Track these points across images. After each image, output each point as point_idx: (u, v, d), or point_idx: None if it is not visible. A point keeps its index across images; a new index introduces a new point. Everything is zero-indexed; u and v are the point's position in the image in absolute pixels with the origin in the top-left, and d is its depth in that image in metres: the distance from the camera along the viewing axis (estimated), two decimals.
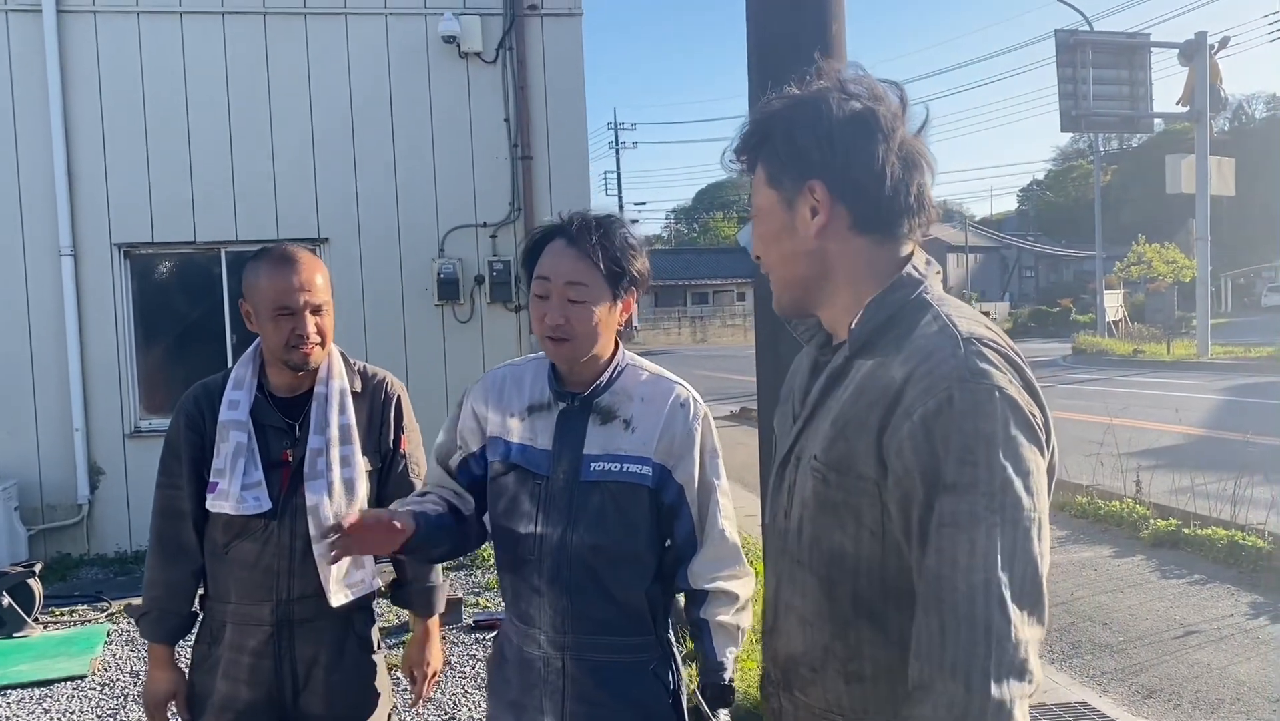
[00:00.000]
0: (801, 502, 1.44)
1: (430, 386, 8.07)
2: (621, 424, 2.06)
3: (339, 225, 7.98)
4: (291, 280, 2.36)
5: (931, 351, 1.30)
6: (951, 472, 1.22)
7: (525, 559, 2.06)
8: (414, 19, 8.01)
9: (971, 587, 1.19)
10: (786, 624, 1.49)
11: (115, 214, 7.66)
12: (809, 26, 3.86)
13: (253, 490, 2.38)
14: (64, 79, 7.53)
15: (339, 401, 2.47)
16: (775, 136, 1.44)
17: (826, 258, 1.44)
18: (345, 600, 2.44)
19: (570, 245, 2.02)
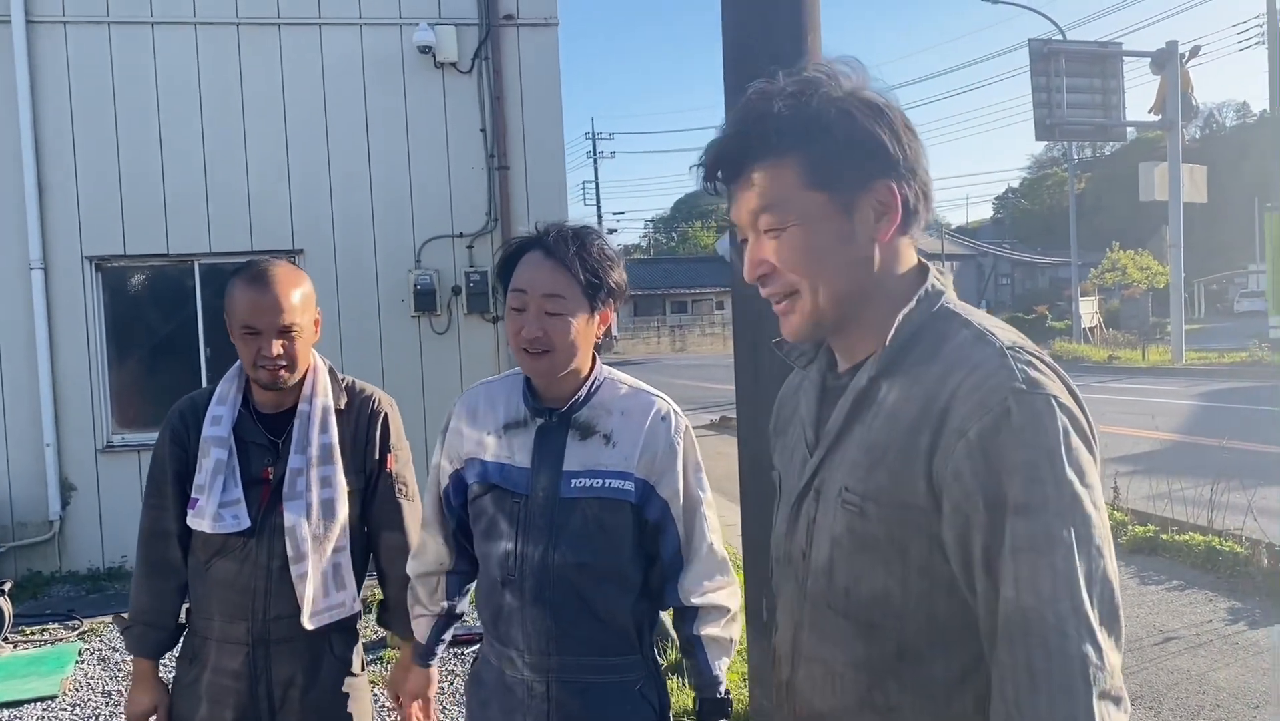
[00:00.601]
0: (831, 541, 1.30)
1: (407, 399, 7.97)
2: (601, 439, 2.02)
3: (313, 236, 7.91)
4: (259, 300, 2.30)
5: (977, 363, 1.19)
6: (1019, 492, 1.11)
7: (506, 579, 2.02)
8: (389, 29, 7.96)
9: (1060, 618, 1.09)
10: (810, 676, 1.36)
11: (86, 226, 7.57)
12: (785, 36, 3.84)
13: (231, 508, 2.34)
14: (34, 89, 7.44)
15: (321, 419, 2.42)
16: (832, 132, 1.26)
17: (878, 266, 1.31)
18: (320, 624, 2.39)
19: (547, 257, 1.98)
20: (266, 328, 2.30)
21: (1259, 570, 6.45)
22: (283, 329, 2.31)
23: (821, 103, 1.27)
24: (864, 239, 1.29)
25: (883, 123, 1.27)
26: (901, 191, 1.28)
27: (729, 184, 1.35)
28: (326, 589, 2.40)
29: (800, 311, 1.33)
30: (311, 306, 2.41)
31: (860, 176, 1.27)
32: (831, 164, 1.26)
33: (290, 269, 2.39)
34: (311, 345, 2.44)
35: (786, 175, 1.28)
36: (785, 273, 1.31)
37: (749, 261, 1.35)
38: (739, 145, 1.31)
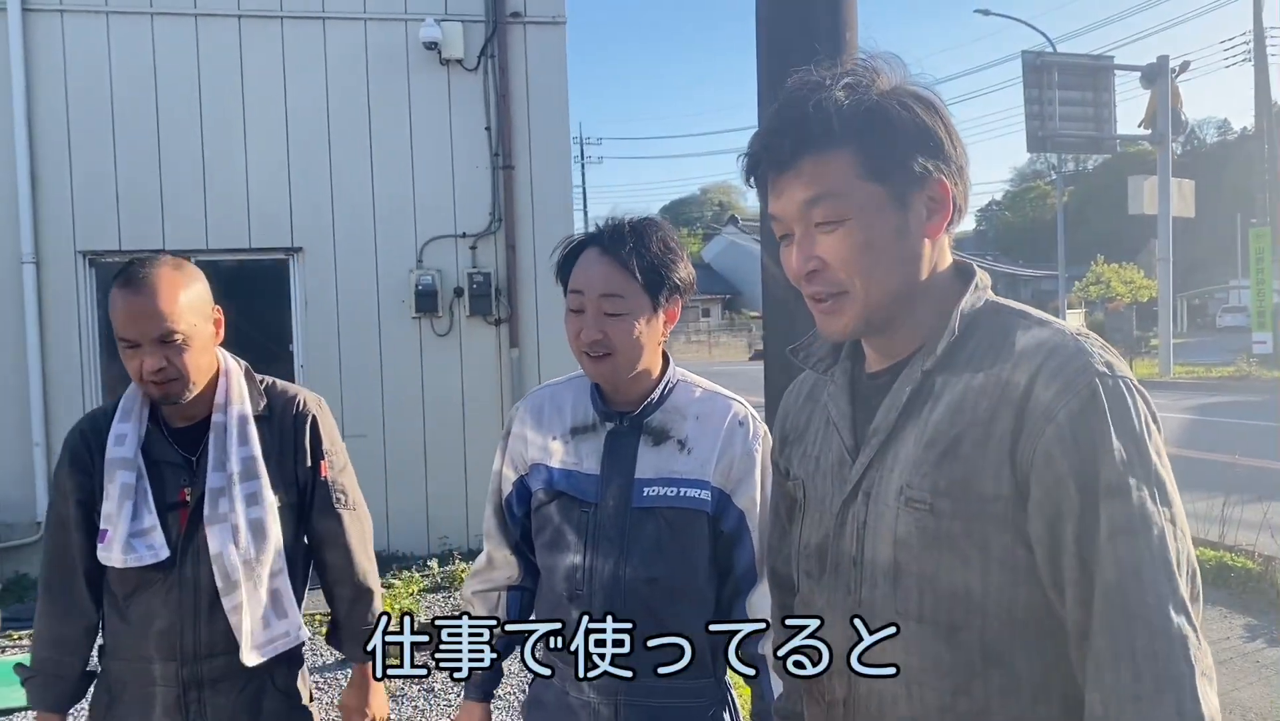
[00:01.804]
0: (894, 543, 1.26)
1: (407, 401, 7.88)
2: (676, 444, 1.91)
3: (314, 234, 7.74)
4: (133, 308, 2.03)
5: (1053, 348, 1.19)
6: (1112, 474, 1.12)
7: (573, 594, 1.89)
8: (394, 24, 7.81)
9: (1160, 599, 1.09)
10: (876, 689, 1.29)
11: (80, 220, 7.37)
12: (823, 34, 3.74)
13: (144, 537, 2.09)
14: (28, 80, 7.23)
15: (239, 430, 2.18)
16: (893, 124, 1.24)
17: (927, 263, 1.29)
18: (262, 658, 2.15)
19: (604, 254, 1.88)
20: (143, 339, 2.03)
21: (1272, 586, 6.39)
22: (163, 339, 2.04)
23: (879, 94, 1.26)
24: (916, 235, 1.27)
25: (938, 118, 1.27)
26: (953, 189, 1.27)
27: (776, 175, 1.29)
28: (266, 619, 2.15)
29: (849, 310, 1.28)
30: (204, 308, 2.14)
31: (917, 170, 1.25)
32: (890, 155, 1.24)
33: (173, 268, 2.11)
34: (211, 349, 2.18)
35: (843, 165, 1.24)
36: (837, 270, 1.26)
37: (797, 256, 1.29)
38: (795, 132, 1.25)
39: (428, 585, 7.03)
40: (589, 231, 1.97)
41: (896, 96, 1.26)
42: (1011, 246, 62.13)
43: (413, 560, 7.58)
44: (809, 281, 1.29)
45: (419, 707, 4.91)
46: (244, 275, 7.81)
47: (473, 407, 7.98)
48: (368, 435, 7.82)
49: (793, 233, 1.30)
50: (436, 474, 7.91)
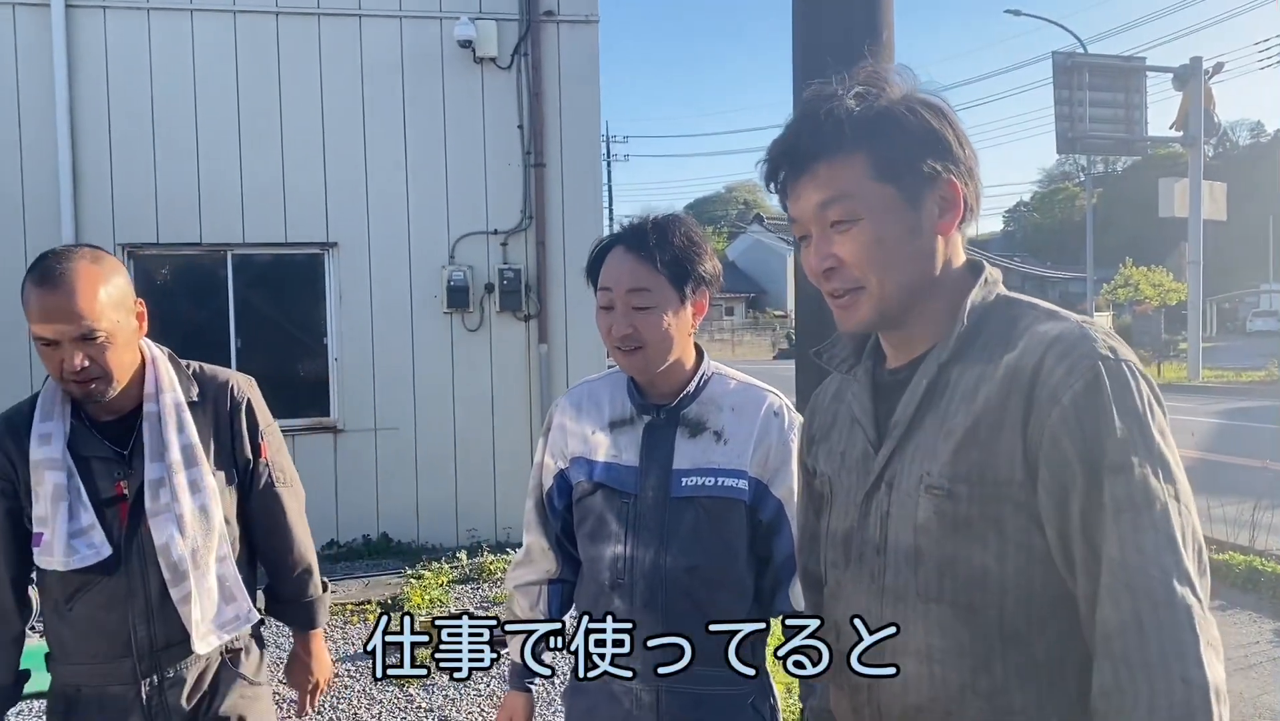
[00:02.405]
0: (915, 530, 1.31)
1: (437, 395, 7.96)
2: (712, 435, 1.96)
3: (348, 230, 7.84)
4: (50, 305, 1.93)
5: (1059, 336, 1.24)
6: (1115, 453, 1.17)
7: (615, 583, 1.94)
8: (429, 22, 7.89)
9: (1164, 571, 1.13)
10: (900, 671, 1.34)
11: (120, 214, 7.50)
12: (859, 33, 3.76)
13: (84, 536, 2.01)
14: (71, 75, 7.36)
15: (175, 418, 2.11)
16: (902, 127, 1.31)
17: (940, 259, 1.35)
18: (215, 644, 2.13)
19: (629, 251, 1.93)
20: (63, 337, 1.94)
21: None
22: (84, 336, 1.95)
23: (889, 100, 1.33)
24: (929, 232, 1.33)
25: (946, 123, 1.33)
26: (963, 188, 1.33)
27: (793, 178, 1.36)
28: (216, 603, 2.12)
29: (865, 304, 1.34)
30: (125, 302, 2.04)
31: (927, 171, 1.31)
32: (900, 158, 1.30)
33: (90, 261, 2.00)
34: (135, 343, 2.09)
35: (855, 167, 1.31)
36: (852, 267, 1.33)
37: (814, 256, 1.36)
38: (809, 138, 1.33)
39: (456, 576, 7.11)
40: (616, 231, 2.03)
41: (906, 103, 1.33)
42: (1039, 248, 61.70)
43: (442, 552, 7.66)
44: (826, 279, 1.35)
45: (449, 696, 4.98)
46: (280, 269, 7.92)
47: (502, 402, 8.06)
48: (399, 428, 7.92)
49: (810, 234, 1.37)
50: (466, 467, 8.00)
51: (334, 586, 6.78)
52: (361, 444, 7.88)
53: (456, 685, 5.12)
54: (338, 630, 6.07)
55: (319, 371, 7.92)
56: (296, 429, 7.78)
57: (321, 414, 7.91)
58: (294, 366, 7.97)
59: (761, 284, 54.46)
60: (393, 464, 7.92)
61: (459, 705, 4.89)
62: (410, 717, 4.77)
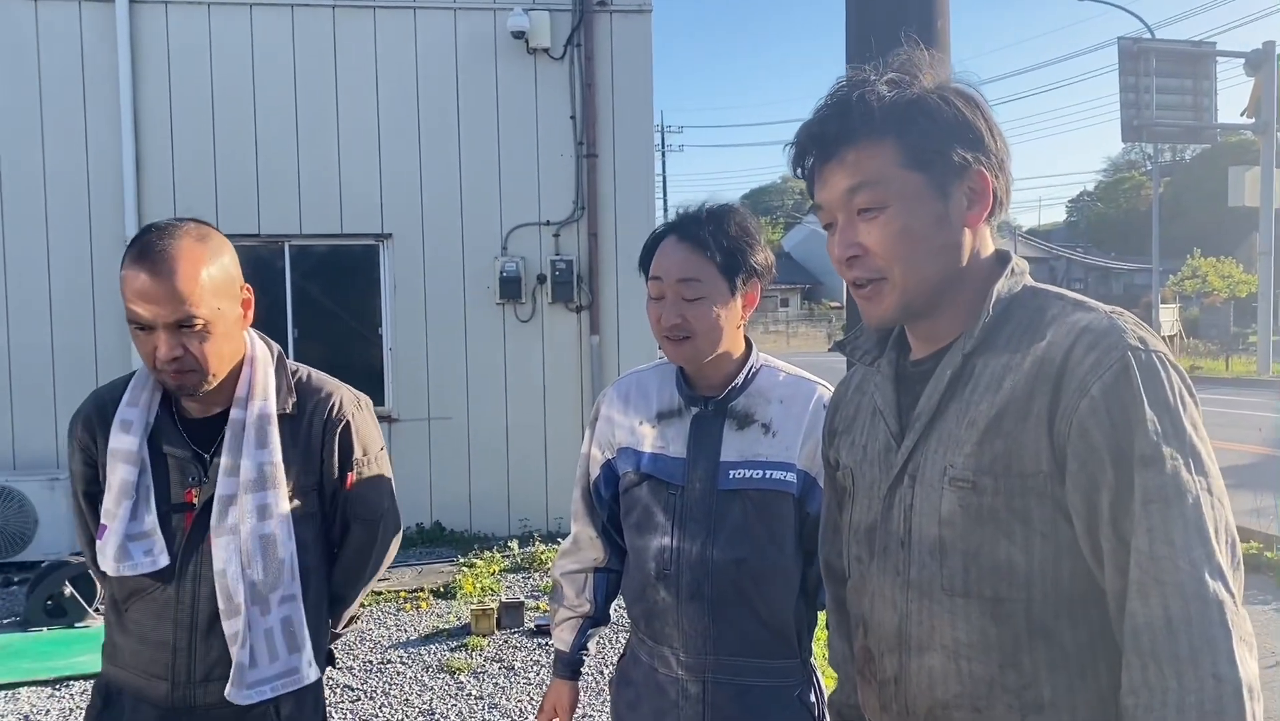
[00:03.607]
0: (940, 522, 1.29)
1: (490, 385, 8.02)
2: (760, 428, 1.94)
3: (403, 221, 7.92)
4: (147, 287, 1.74)
5: (1087, 326, 1.22)
6: (1145, 445, 1.15)
7: (661, 574, 1.93)
8: (483, 13, 7.93)
9: (1194, 564, 1.11)
10: (927, 665, 1.32)
11: (181, 204, 7.63)
12: (914, 22, 3.69)
13: (141, 541, 1.83)
14: (134, 69, 7.52)
15: (258, 431, 1.90)
16: (932, 116, 1.29)
17: (967, 251, 1.33)
18: (255, 701, 1.87)
19: (681, 240, 1.92)
20: (158, 321, 1.76)
21: None
22: (182, 322, 1.77)
23: (921, 89, 1.31)
24: (956, 223, 1.31)
25: (979, 113, 1.31)
26: (993, 180, 1.31)
27: (822, 164, 1.34)
28: (273, 650, 1.87)
29: (889, 296, 1.32)
30: (230, 287, 1.85)
31: (957, 161, 1.29)
32: (930, 146, 1.28)
33: (196, 238, 1.81)
34: (238, 334, 1.91)
35: (885, 154, 1.29)
36: (877, 256, 1.31)
37: (839, 243, 1.34)
38: (838, 124, 1.31)
39: (508, 565, 7.16)
40: (668, 221, 2.02)
41: (939, 92, 1.31)
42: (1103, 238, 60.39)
43: (494, 541, 7.72)
44: (849, 267, 1.34)
45: (499, 685, 5.02)
46: (336, 260, 8.02)
47: (553, 393, 8.09)
48: (452, 418, 7.99)
49: (836, 221, 1.35)
50: (518, 457, 8.05)
51: (387, 574, 6.91)
52: (415, 433, 7.97)
53: (506, 673, 5.16)
54: (390, 616, 6.15)
55: (374, 361, 8.01)
56: None
57: (376, 403, 7.88)
58: (349, 356, 8.07)
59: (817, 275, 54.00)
60: (446, 453, 8.00)
61: (509, 692, 4.93)
62: (461, 704, 4.81)
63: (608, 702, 4.64)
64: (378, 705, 4.82)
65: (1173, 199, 51.02)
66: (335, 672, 5.22)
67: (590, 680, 5.06)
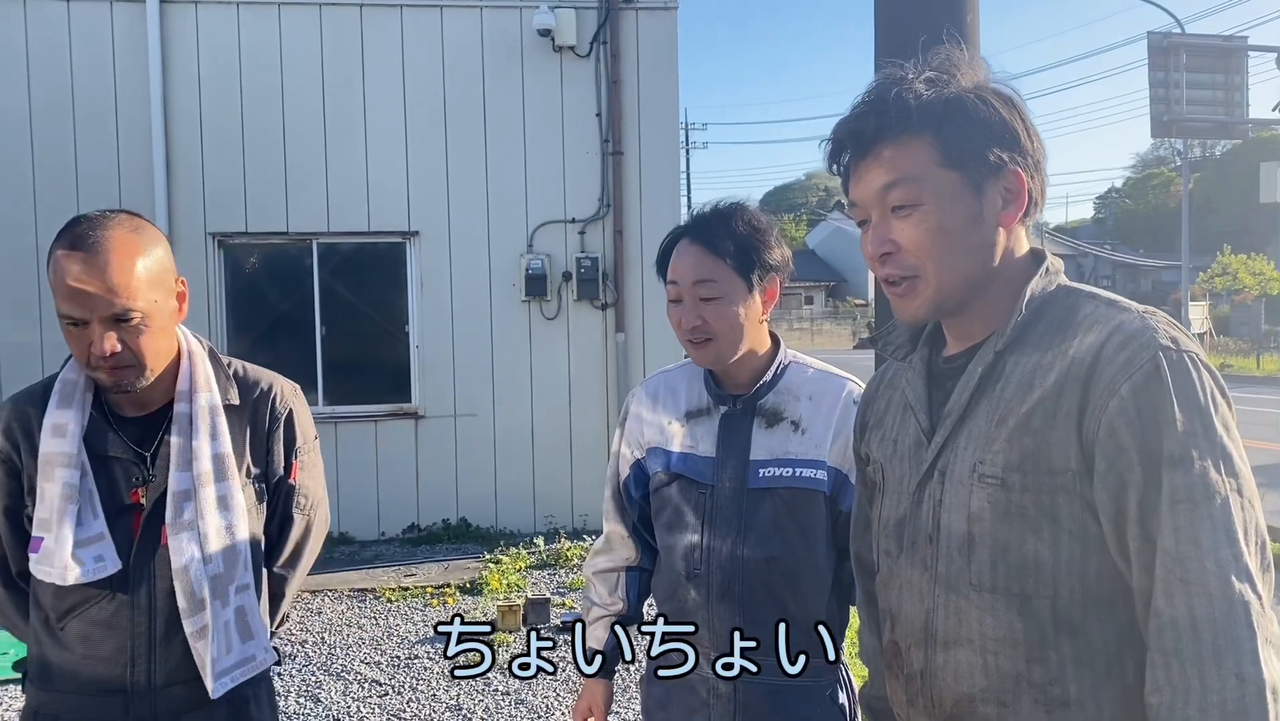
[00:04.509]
0: (968, 518, 1.30)
1: (515, 382, 8.04)
2: (790, 425, 1.94)
3: (429, 218, 7.96)
4: (81, 279, 1.66)
5: (1119, 325, 1.23)
6: (1175, 445, 1.15)
7: (691, 573, 1.93)
8: (509, 12, 7.95)
9: (1221, 565, 1.11)
10: (953, 660, 1.33)
11: (210, 203, 7.72)
12: (943, 18, 3.67)
13: (91, 547, 1.74)
14: (164, 68, 7.60)
15: (209, 423, 1.84)
16: (970, 115, 1.29)
17: (1000, 250, 1.33)
18: (230, 687, 1.83)
19: (693, 242, 1.93)
20: (93, 315, 1.68)
21: None
22: (118, 316, 1.69)
23: (960, 87, 1.31)
24: (990, 223, 1.31)
25: (1016, 113, 1.32)
26: (1028, 181, 1.31)
27: (858, 160, 1.34)
28: (230, 642, 1.83)
29: (921, 294, 1.33)
30: (166, 279, 1.78)
31: (993, 160, 1.29)
32: (967, 145, 1.29)
33: (129, 228, 1.74)
34: (173, 329, 1.83)
35: (921, 151, 1.29)
36: (910, 254, 1.31)
37: (872, 239, 1.34)
38: (875, 120, 1.31)
39: (534, 562, 7.18)
40: (681, 225, 2.03)
41: (977, 91, 1.32)
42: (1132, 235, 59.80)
43: (519, 537, 7.75)
44: (882, 264, 1.34)
45: (526, 681, 5.03)
46: (363, 258, 8.07)
47: (579, 390, 8.11)
48: (478, 414, 8.03)
49: (870, 218, 1.35)
50: (543, 454, 8.07)
51: (414, 569, 6.95)
52: (441, 430, 8.01)
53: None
54: (417, 612, 6.18)
55: (401, 358, 8.06)
56: (379, 415, 7.94)
57: (403, 400, 8.05)
58: (377, 353, 8.12)
59: (841, 272, 53.77)
60: (472, 450, 8.03)
61: (535, 688, 4.94)
62: (488, 700, 4.83)
63: (633, 699, 4.66)
64: (405, 700, 4.85)
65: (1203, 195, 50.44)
66: (363, 667, 5.26)
67: (617, 678, 5.08)
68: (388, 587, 6.58)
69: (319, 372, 7.89)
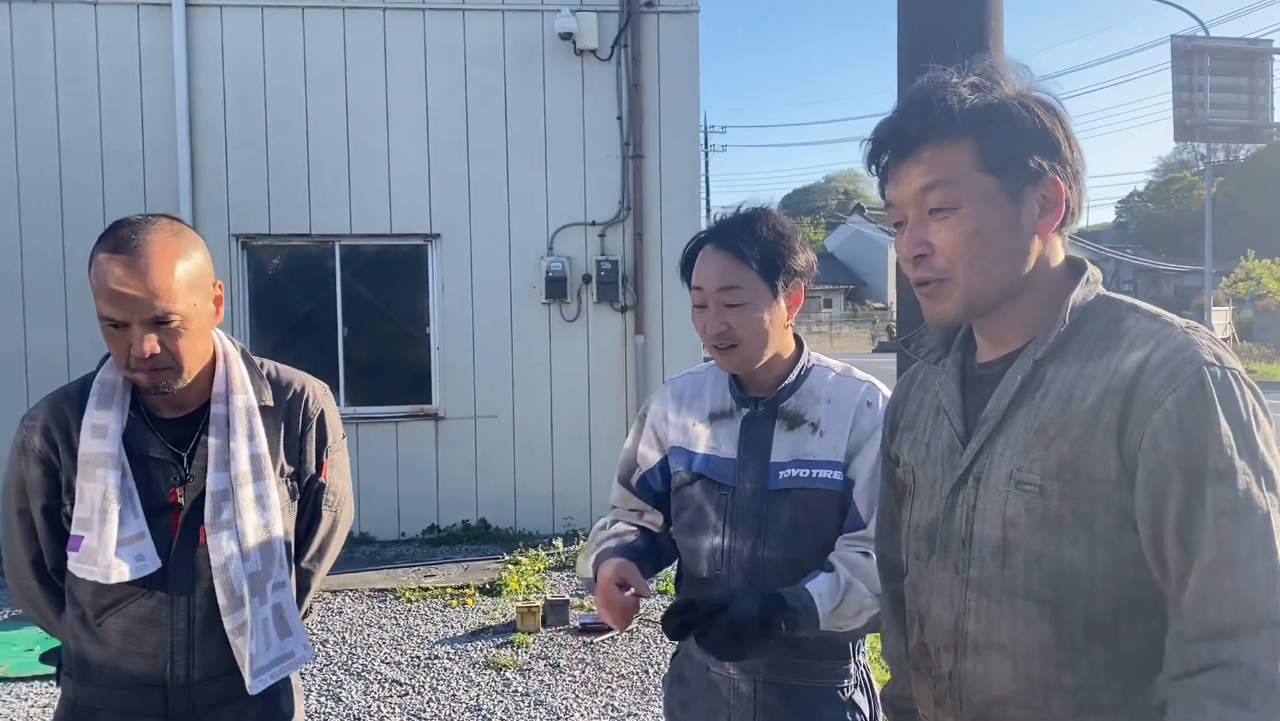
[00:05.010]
0: (1003, 524, 1.31)
1: (535, 383, 8.08)
2: (809, 428, 1.95)
3: (451, 221, 8.00)
4: (122, 282, 1.70)
5: (1163, 339, 1.24)
6: (1219, 459, 1.16)
7: (714, 574, 1.95)
8: (531, 15, 7.99)
9: (1254, 579, 1.14)
10: (983, 663, 1.34)
11: (234, 205, 7.78)
12: (967, 23, 3.67)
13: (133, 546, 1.78)
14: (190, 71, 7.67)
15: (246, 425, 1.88)
16: (1012, 121, 1.30)
17: (1035, 258, 1.34)
18: (269, 684, 1.88)
19: (718, 249, 1.93)
20: (133, 318, 1.71)
21: None
22: (158, 319, 1.72)
23: (1003, 94, 1.32)
24: (1027, 230, 1.31)
25: (1058, 123, 1.33)
26: (1067, 190, 1.32)
27: (898, 161, 1.35)
28: (269, 638, 1.88)
29: (950, 296, 1.33)
30: (205, 283, 1.81)
31: (1033, 168, 1.30)
32: (1007, 151, 1.30)
33: (169, 232, 1.77)
34: (210, 331, 1.87)
35: (961, 155, 1.30)
36: (942, 256, 1.32)
37: (907, 240, 1.35)
38: (918, 122, 1.32)
39: (553, 563, 7.21)
40: (704, 230, 2.03)
41: (1020, 99, 1.33)
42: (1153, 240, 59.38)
43: (538, 538, 7.78)
44: (915, 265, 1.35)
45: (545, 682, 5.06)
46: (385, 260, 8.12)
47: (598, 392, 8.13)
48: (498, 416, 8.07)
49: (907, 219, 1.36)
50: (562, 456, 8.10)
51: (434, 570, 6.99)
52: (462, 431, 8.05)
53: (552, 670, 5.20)
54: (437, 613, 6.21)
55: (421, 359, 8.11)
56: (399, 415, 7.99)
57: (424, 401, 8.10)
58: (398, 354, 8.17)
59: (861, 275, 53.64)
60: (491, 451, 8.07)
61: (554, 690, 4.96)
62: (507, 701, 4.85)
63: (653, 701, 4.68)
64: (425, 700, 4.88)
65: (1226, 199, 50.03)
66: (383, 667, 5.29)
67: (636, 679, 5.10)
68: (408, 588, 6.62)
69: (341, 373, 7.94)
